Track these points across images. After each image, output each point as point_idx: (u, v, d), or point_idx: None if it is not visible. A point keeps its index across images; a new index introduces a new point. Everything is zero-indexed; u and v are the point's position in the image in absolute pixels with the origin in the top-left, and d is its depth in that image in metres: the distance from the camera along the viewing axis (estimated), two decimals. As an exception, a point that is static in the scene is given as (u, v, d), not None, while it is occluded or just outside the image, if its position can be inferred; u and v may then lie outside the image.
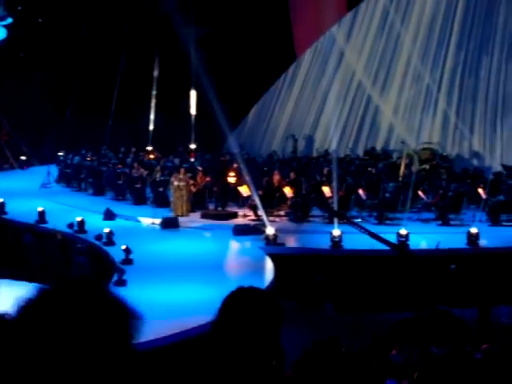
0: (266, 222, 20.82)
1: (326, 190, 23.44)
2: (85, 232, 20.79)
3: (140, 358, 2.02)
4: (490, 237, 20.47)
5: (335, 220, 20.86)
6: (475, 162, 29.76)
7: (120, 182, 26.86)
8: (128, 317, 1.97)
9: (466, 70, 30.90)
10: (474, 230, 19.65)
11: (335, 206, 22.38)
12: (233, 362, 2.80)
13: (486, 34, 30.50)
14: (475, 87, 30.82)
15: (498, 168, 26.92)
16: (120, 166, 28.50)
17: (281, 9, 34.87)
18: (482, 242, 19.72)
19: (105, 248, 19.06)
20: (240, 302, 2.85)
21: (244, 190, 23.40)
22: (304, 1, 34.54)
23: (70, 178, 29.74)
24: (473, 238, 19.51)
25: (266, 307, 2.83)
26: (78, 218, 21.06)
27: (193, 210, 23.83)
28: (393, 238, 18.93)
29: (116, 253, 18.00)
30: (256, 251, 19.31)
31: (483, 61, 30.63)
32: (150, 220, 22.58)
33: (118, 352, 1.91)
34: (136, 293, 15.06)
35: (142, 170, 27.02)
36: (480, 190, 23.28)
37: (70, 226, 21.08)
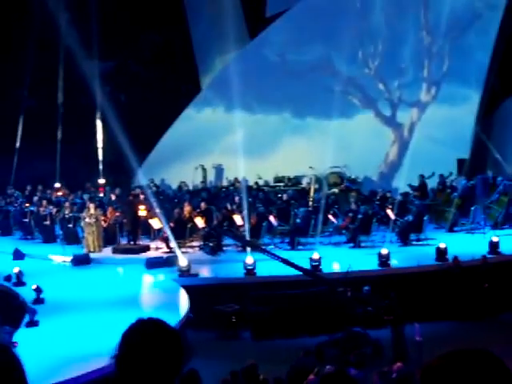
0: (179, 254, 20.71)
1: (237, 218, 23.48)
2: (-7, 274, 20.31)
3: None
4: (401, 257, 20.85)
5: (248, 248, 20.94)
6: (382, 183, 30.31)
7: (27, 220, 26.33)
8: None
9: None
10: (384, 251, 19.97)
11: (247, 234, 22.44)
12: None
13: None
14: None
15: (404, 188, 27.44)
16: (27, 204, 27.95)
17: (185, 39, 35.02)
18: (393, 263, 20.05)
19: (15, 289, 18.61)
20: (139, 333, 2.83)
21: (155, 223, 23.27)
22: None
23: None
24: (384, 259, 19.83)
25: (165, 337, 2.82)
26: (-14, 260, 20.59)
27: (105, 246, 23.53)
28: (306, 263, 19.08)
29: (27, 293, 17.60)
30: (170, 283, 19.19)
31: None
32: (60, 258, 22.20)
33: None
34: (49, 333, 14.78)
35: (50, 207, 26.56)
36: (389, 211, 23.70)
37: (-22, 268, 20.56)
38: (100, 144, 33.32)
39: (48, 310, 16.34)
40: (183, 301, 17.26)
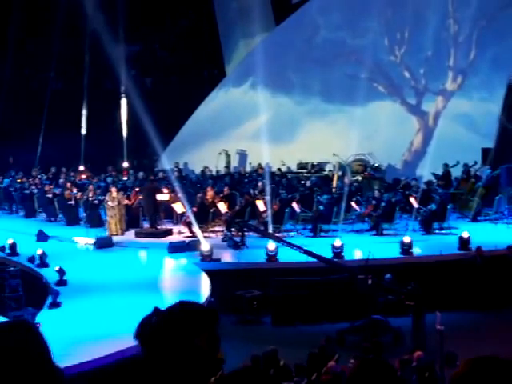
0: (201, 238, 20.75)
1: (259, 204, 23.47)
2: (17, 255, 20.44)
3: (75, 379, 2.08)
4: (423, 245, 20.78)
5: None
6: (406, 171, 30.17)
7: (52, 203, 26.45)
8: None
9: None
10: (407, 239, 19.91)
11: (269, 220, 22.42)
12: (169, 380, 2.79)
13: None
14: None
15: (428, 177, 27.31)
16: (51, 186, 28.08)
17: (210, 25, 35.03)
18: (416, 251, 20.00)
19: (38, 270, 18.75)
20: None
21: (178, 207, 23.32)
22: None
23: (1, 201, 29.18)
24: (406, 247, 19.76)
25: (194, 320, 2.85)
26: (10, 241, 20.71)
27: (127, 229, 23.62)
28: (328, 250, 19.08)
29: (50, 274, 17.73)
30: (191, 268, 19.24)
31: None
32: (84, 240, 22.31)
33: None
34: (71, 314, 14.89)
35: (74, 189, 26.69)
36: (412, 200, 23.60)
37: (2, 249, 20.73)
38: (124, 127, 33.43)
39: (70, 292, 16.45)
40: (204, 285, 17.30)
